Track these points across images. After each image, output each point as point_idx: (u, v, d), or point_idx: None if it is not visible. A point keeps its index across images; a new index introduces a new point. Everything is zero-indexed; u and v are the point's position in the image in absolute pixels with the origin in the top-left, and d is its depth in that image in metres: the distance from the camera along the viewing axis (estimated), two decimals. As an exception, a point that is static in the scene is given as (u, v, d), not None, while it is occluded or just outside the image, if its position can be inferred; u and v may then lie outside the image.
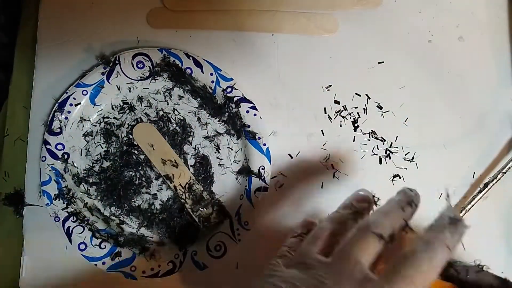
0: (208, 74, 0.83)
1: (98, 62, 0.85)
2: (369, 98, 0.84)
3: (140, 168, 0.84)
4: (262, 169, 0.81)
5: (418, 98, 0.84)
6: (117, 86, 0.84)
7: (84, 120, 0.84)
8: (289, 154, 0.83)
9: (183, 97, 0.85)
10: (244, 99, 0.82)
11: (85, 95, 0.83)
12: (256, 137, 0.81)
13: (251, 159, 0.81)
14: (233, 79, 0.83)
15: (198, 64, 0.83)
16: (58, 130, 0.82)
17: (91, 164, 0.84)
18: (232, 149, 0.84)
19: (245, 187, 0.81)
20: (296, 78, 0.85)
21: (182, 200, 0.81)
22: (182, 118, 0.85)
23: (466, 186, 0.82)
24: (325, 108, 0.84)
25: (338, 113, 0.84)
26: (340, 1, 0.87)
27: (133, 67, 0.83)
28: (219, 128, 0.84)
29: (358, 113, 0.84)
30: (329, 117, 0.84)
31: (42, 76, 0.85)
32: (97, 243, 0.79)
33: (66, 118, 0.83)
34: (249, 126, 0.82)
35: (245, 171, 0.82)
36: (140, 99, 0.85)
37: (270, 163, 0.81)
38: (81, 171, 0.84)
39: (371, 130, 0.84)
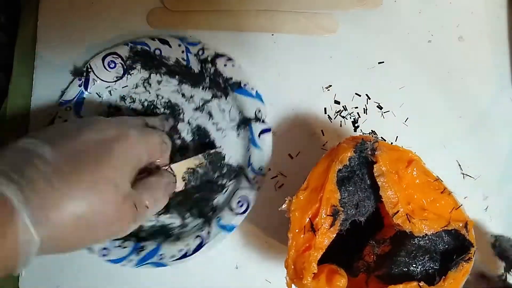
0: (176, 47, 0.78)
1: (71, 77, 0.80)
2: (369, 98, 0.79)
3: None
4: (258, 111, 0.76)
5: (418, 98, 0.79)
6: (97, 93, 0.79)
7: None
8: (289, 154, 0.78)
9: (162, 80, 0.80)
10: (217, 55, 0.77)
11: (69, 110, 0.77)
12: (242, 84, 0.76)
13: (245, 108, 0.77)
14: (201, 42, 0.79)
15: (164, 41, 0.78)
16: None
17: None
18: (225, 110, 0.79)
19: (248, 136, 0.76)
20: (296, 78, 0.80)
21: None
22: (167, 100, 0.80)
23: (466, 187, 0.76)
24: (325, 108, 0.79)
25: (338, 113, 0.79)
26: (340, 1, 0.81)
27: (106, 69, 0.78)
28: (206, 95, 0.79)
29: (358, 113, 0.79)
30: (329, 117, 0.79)
31: (42, 76, 0.80)
32: (118, 244, 0.74)
33: None
34: (231, 78, 0.77)
35: (243, 122, 0.77)
36: (122, 98, 0.80)
37: (263, 103, 0.76)
38: None
39: (371, 130, 0.78)
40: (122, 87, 0.80)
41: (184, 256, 0.73)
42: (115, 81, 0.79)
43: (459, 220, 0.58)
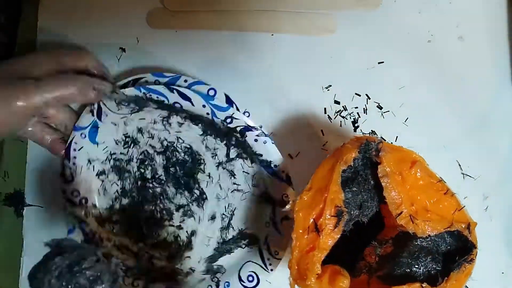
0: (200, 107, 0.71)
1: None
2: (369, 98, 0.78)
3: (158, 201, 0.76)
4: (286, 196, 0.71)
5: (418, 98, 0.78)
6: (112, 122, 0.75)
7: (92, 160, 0.76)
8: (289, 154, 0.77)
9: (183, 123, 0.76)
10: (248, 128, 0.71)
11: (84, 138, 0.74)
12: (272, 165, 0.72)
13: (270, 187, 0.73)
14: (230, 107, 0.72)
15: (185, 97, 0.71)
16: (70, 178, 0.75)
17: (111, 203, 0.77)
18: (248, 173, 0.75)
19: (269, 214, 0.73)
20: (296, 78, 0.79)
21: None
22: (188, 146, 0.76)
23: (466, 187, 0.76)
24: (325, 108, 0.78)
25: (338, 113, 0.78)
26: (340, 1, 0.80)
27: (118, 105, 0.74)
28: (230, 153, 0.76)
29: (358, 113, 0.78)
30: (329, 117, 0.78)
31: None
32: (130, 281, 0.73)
33: (74, 164, 0.75)
34: (261, 155, 0.72)
35: (267, 200, 0.74)
36: (140, 130, 0.76)
37: (293, 189, 0.71)
38: (102, 210, 0.77)
39: (371, 130, 0.78)
40: (139, 119, 0.76)
41: None
42: (130, 113, 0.75)
43: (461, 221, 0.58)
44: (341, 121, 0.78)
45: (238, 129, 0.72)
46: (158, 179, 0.76)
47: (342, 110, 0.78)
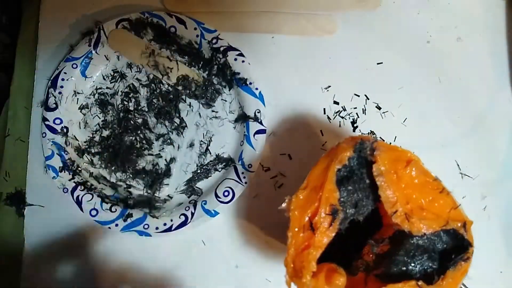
0: (192, 29, 0.79)
1: (82, 36, 0.82)
2: (368, 99, 0.79)
3: (139, 131, 0.81)
4: (258, 112, 0.77)
5: (417, 98, 0.79)
6: (105, 56, 0.81)
7: (78, 93, 0.81)
8: (289, 155, 0.78)
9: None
10: (230, 48, 0.79)
11: (75, 68, 0.79)
12: (248, 82, 0.78)
13: (246, 105, 0.78)
14: (216, 31, 0.79)
15: (181, 21, 0.79)
16: (54, 105, 0.79)
17: (91, 135, 0.81)
18: (226, 101, 0.81)
19: (244, 133, 0.78)
20: (296, 79, 0.80)
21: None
22: None
23: (464, 186, 0.76)
24: (324, 109, 0.78)
25: (337, 114, 0.78)
26: (339, 2, 0.80)
27: None
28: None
29: (357, 113, 0.78)
30: (328, 117, 0.78)
31: (43, 76, 0.81)
32: (107, 207, 0.77)
33: (60, 93, 0.79)
34: (239, 73, 0.78)
35: (242, 118, 0.79)
36: (129, 65, 0.82)
37: (264, 105, 0.77)
38: (82, 143, 0.81)
39: (370, 131, 0.78)
40: None
41: (168, 230, 0.75)
42: None
43: (457, 220, 0.58)
44: (340, 121, 0.78)
45: (222, 49, 0.79)
46: (141, 110, 0.81)
47: (341, 111, 0.78)
